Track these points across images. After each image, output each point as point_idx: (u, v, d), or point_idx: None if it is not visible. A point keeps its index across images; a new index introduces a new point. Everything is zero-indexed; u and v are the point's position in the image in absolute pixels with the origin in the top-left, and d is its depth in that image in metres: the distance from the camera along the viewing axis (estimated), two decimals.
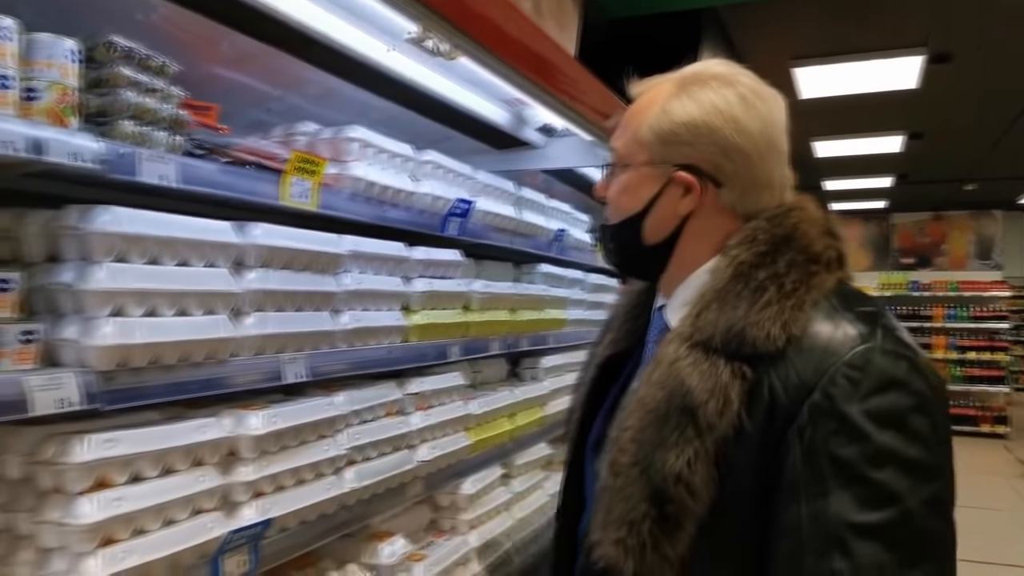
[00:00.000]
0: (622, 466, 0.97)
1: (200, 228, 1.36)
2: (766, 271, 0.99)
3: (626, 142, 1.11)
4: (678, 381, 0.96)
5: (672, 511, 0.92)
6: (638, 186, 1.10)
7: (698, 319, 0.99)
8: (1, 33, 1.06)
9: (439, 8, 1.41)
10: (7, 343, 1.08)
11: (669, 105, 1.06)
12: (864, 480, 0.86)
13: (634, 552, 0.93)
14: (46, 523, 1.16)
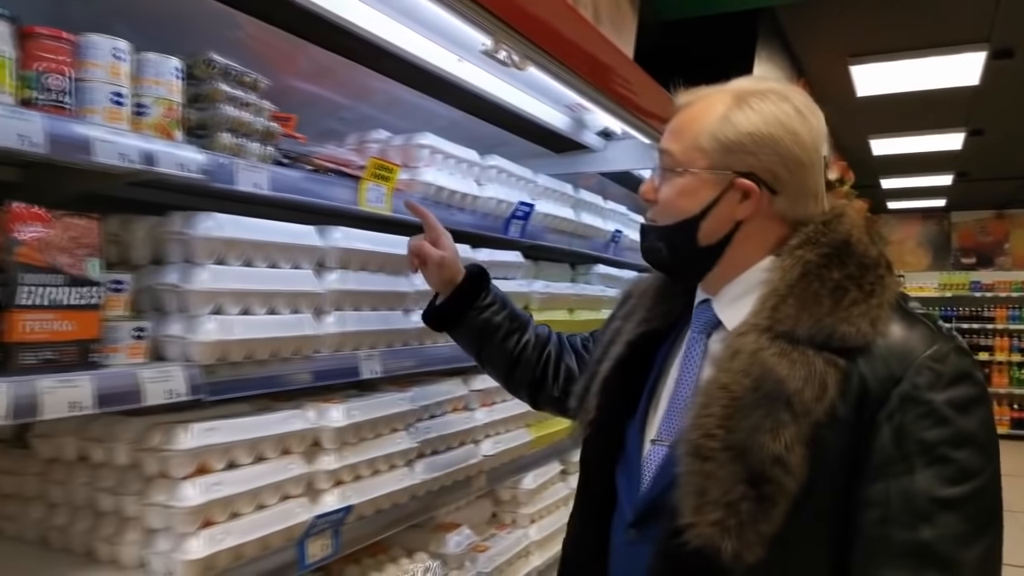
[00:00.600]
0: (712, 450, 1.01)
1: (287, 232, 1.45)
2: (838, 272, 1.06)
3: (684, 148, 1.14)
4: (765, 369, 1.01)
5: (769, 491, 0.97)
6: (697, 190, 1.14)
7: (776, 312, 1.05)
8: (116, 54, 1.15)
9: (512, 21, 1.48)
10: (121, 339, 1.18)
11: (733, 115, 1.11)
12: (947, 460, 0.97)
13: (732, 532, 0.98)
14: (153, 505, 1.25)
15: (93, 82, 1.13)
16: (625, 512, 1.20)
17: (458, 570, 1.98)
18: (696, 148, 1.13)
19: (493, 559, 2.11)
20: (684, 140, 1.15)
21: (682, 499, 1.02)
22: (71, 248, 1.09)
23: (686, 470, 1.03)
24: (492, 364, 1.63)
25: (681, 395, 1.18)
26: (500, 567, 2.14)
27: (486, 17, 1.43)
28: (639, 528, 1.16)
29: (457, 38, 1.66)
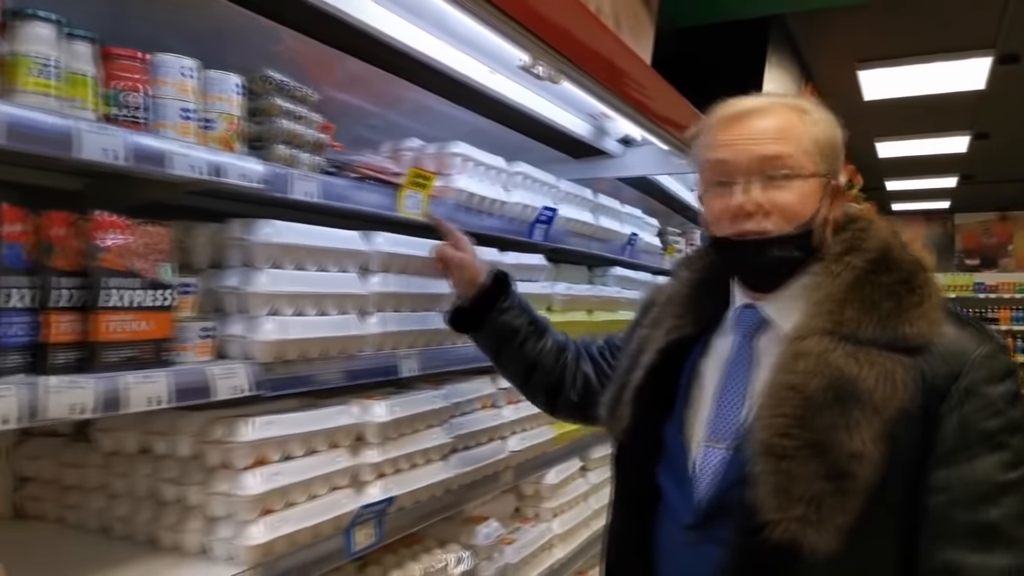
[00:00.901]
0: (789, 449, 1.05)
1: (336, 238, 1.54)
2: (887, 277, 1.13)
3: (797, 154, 1.15)
4: (835, 370, 1.07)
5: (848, 485, 1.03)
6: (812, 193, 1.16)
7: (837, 316, 1.11)
8: (185, 72, 1.24)
9: (549, 39, 1.56)
10: (190, 338, 1.26)
11: (823, 122, 1.19)
12: (1005, 446, 1.07)
13: (815, 526, 1.03)
14: (216, 494, 1.34)
15: (165, 99, 1.21)
16: (679, 514, 1.21)
17: (487, 560, 2.06)
18: (805, 153, 1.16)
19: (519, 551, 2.19)
20: (795, 146, 1.15)
21: (762, 498, 1.06)
22: (146, 254, 1.18)
23: (763, 469, 1.07)
24: (510, 368, 1.68)
25: (730, 397, 1.20)
26: (526, 559, 2.22)
27: (525, 35, 1.51)
28: (700, 529, 1.17)
29: (493, 52, 1.74)
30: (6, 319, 1.01)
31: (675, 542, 1.22)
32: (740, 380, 1.21)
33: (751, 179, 1.16)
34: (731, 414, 1.20)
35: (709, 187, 1.22)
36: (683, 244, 4.03)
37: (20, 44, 1.01)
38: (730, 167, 1.17)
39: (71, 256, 1.09)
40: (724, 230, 1.20)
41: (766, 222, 1.16)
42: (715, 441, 1.20)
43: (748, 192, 1.15)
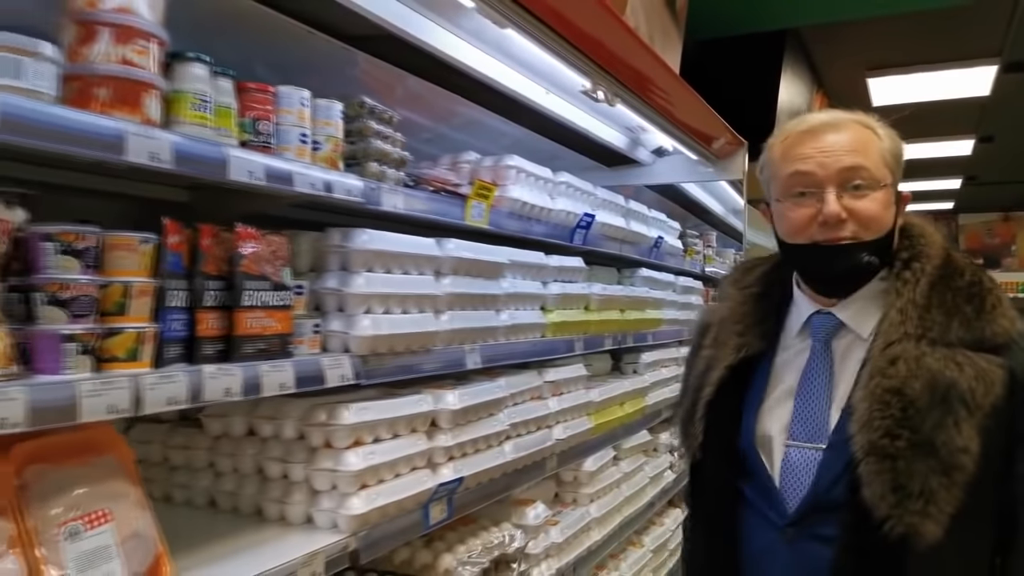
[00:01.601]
0: (899, 449, 1.12)
1: (416, 244, 1.72)
2: (960, 281, 1.22)
3: (875, 165, 1.22)
4: (933, 372, 1.14)
5: (958, 478, 1.10)
6: (890, 202, 1.24)
7: (923, 321, 1.18)
8: (303, 102, 1.42)
9: (608, 67, 1.74)
10: (304, 333, 1.44)
11: (889, 137, 1.26)
12: None
13: (933, 517, 1.10)
14: (321, 471, 1.52)
15: (287, 126, 1.39)
16: (771, 516, 1.26)
17: (535, 539, 2.24)
18: (884, 165, 1.23)
19: (563, 532, 2.37)
20: (872, 158, 1.22)
21: (876, 496, 1.12)
22: (272, 260, 1.36)
23: (872, 468, 1.13)
24: None
25: (813, 398, 1.27)
26: (568, 539, 2.40)
27: (589, 64, 1.69)
28: (799, 526, 1.23)
29: (550, 75, 1.93)
30: (170, 316, 1.19)
31: (769, 542, 1.26)
32: (821, 382, 1.27)
33: (837, 188, 1.21)
34: (816, 414, 1.26)
35: (787, 198, 1.26)
36: (701, 246, 4.21)
37: (181, 83, 1.19)
38: (814, 178, 1.22)
39: (216, 262, 1.27)
40: (811, 237, 1.24)
41: (857, 229, 1.21)
42: (802, 441, 1.25)
43: (840, 200, 1.20)
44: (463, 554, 1.91)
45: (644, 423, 3.16)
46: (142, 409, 1.09)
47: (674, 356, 3.62)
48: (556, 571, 2.30)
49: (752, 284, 1.43)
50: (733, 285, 1.47)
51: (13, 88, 0.95)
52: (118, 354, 1.10)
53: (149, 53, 1.10)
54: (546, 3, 1.53)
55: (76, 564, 1.05)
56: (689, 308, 3.80)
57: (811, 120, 1.28)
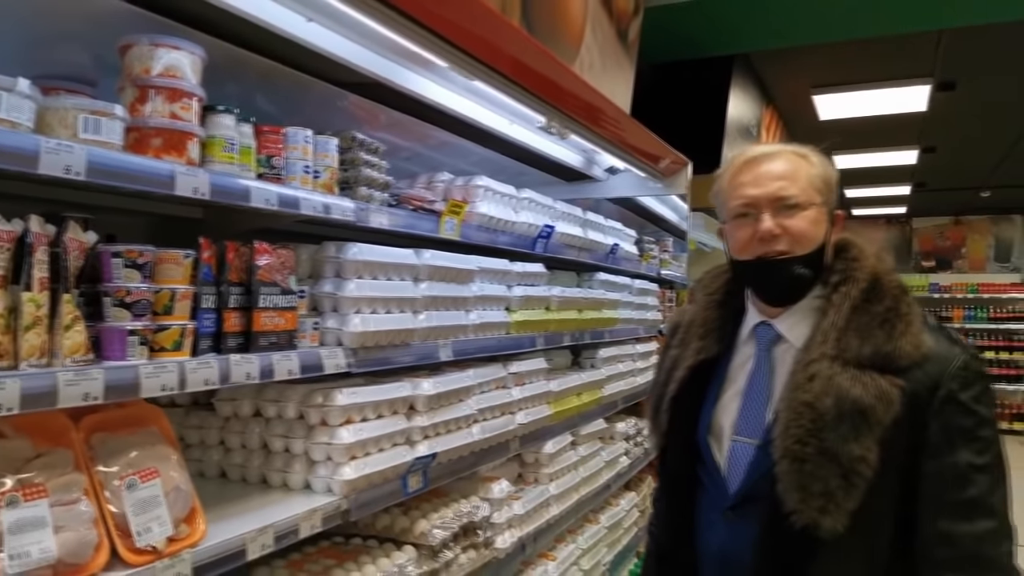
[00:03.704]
0: (807, 455, 1.28)
1: (397, 255, 2.03)
2: (879, 305, 1.36)
3: (803, 189, 1.38)
4: (842, 391, 1.29)
5: (856, 481, 1.26)
6: (820, 220, 1.39)
7: (839, 343, 1.33)
8: (305, 139, 1.72)
9: (560, 106, 2.06)
10: (305, 329, 1.75)
11: (820, 164, 1.42)
12: (977, 438, 1.30)
13: (831, 513, 1.27)
14: (318, 444, 1.82)
15: (294, 160, 1.70)
16: (717, 500, 1.45)
17: (499, 511, 2.56)
18: (812, 188, 1.39)
19: (524, 505, 2.69)
20: (799, 184, 1.38)
21: (785, 493, 1.29)
22: (281, 269, 1.66)
23: (786, 470, 1.30)
24: None
25: (755, 399, 1.44)
26: (529, 512, 2.73)
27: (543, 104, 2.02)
28: (736, 510, 1.41)
29: (514, 110, 2.25)
30: (204, 315, 1.49)
31: (715, 520, 1.46)
32: (762, 385, 1.44)
33: (772, 209, 1.38)
34: (756, 413, 1.43)
35: (733, 219, 1.43)
36: (657, 251, 4.56)
37: (214, 130, 1.49)
38: (753, 200, 1.39)
39: (238, 272, 1.57)
40: (752, 253, 1.40)
41: (790, 243, 1.38)
42: (744, 436, 1.43)
43: (773, 219, 1.37)
44: (436, 520, 2.22)
45: (600, 412, 3.50)
46: (186, 388, 1.38)
47: (630, 352, 3.97)
48: (517, 539, 2.62)
49: (716, 291, 1.60)
50: (703, 291, 1.63)
51: (94, 141, 1.24)
52: (166, 345, 1.39)
53: (191, 108, 1.40)
54: (506, 58, 1.85)
55: (133, 508, 1.34)
56: (645, 308, 4.15)
57: (752, 152, 1.45)
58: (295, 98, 2.10)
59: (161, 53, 1.39)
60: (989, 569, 1.29)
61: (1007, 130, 7.14)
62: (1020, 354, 12.11)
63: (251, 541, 1.51)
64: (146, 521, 1.33)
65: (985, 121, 6.78)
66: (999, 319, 12.37)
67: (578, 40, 2.79)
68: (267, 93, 2.04)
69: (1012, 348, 12.15)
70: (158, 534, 1.33)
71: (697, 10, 3.80)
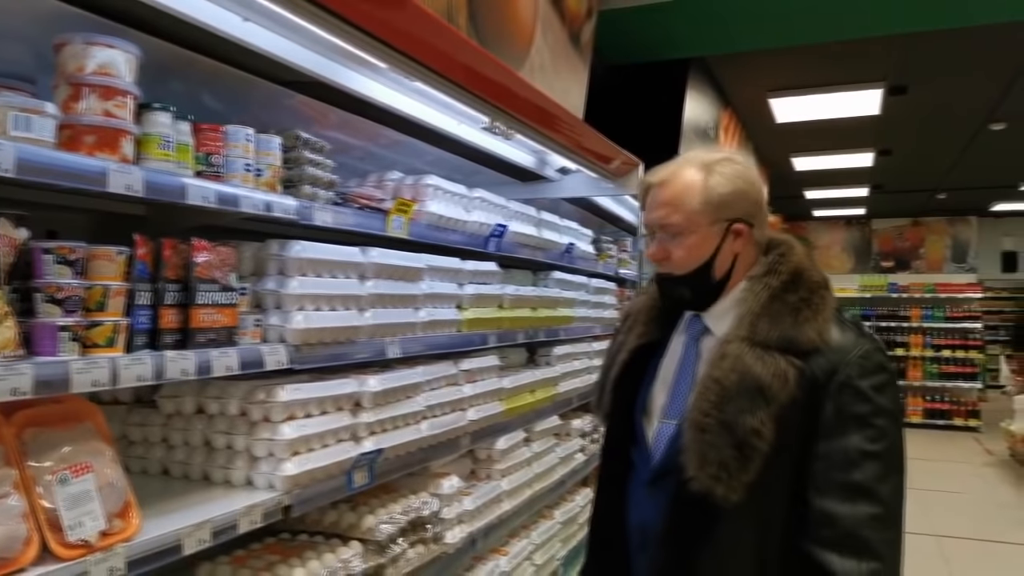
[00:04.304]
0: (709, 426, 1.37)
1: (342, 253, 2.04)
2: (794, 295, 1.45)
3: (686, 215, 1.48)
4: (746, 368, 1.38)
5: (749, 453, 1.34)
6: (704, 242, 1.49)
7: (753, 327, 1.42)
8: (247, 138, 1.74)
9: (505, 106, 2.10)
10: (247, 326, 1.76)
11: (711, 183, 1.48)
12: (870, 425, 1.37)
13: (724, 482, 1.35)
14: (260, 440, 1.83)
15: (234, 158, 1.71)
16: (642, 474, 1.56)
17: (449, 507, 2.59)
18: (695, 213, 1.48)
19: (475, 501, 2.73)
20: (683, 210, 1.48)
21: (687, 460, 1.38)
22: (221, 266, 1.67)
23: (689, 439, 1.39)
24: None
25: (681, 385, 1.54)
26: (480, 508, 2.76)
27: (486, 105, 2.05)
28: (654, 484, 1.51)
29: (462, 111, 2.28)
30: (139, 312, 1.50)
31: (640, 496, 1.57)
32: (689, 372, 1.54)
33: (659, 233, 1.53)
34: (682, 398, 1.52)
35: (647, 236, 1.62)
36: (615, 251, 4.62)
37: (150, 127, 1.50)
38: (648, 224, 1.57)
39: (175, 269, 1.58)
40: (656, 269, 1.58)
41: (672, 266, 1.53)
42: (669, 418, 1.54)
43: (658, 244, 1.54)
44: (383, 515, 2.24)
45: (555, 409, 3.54)
46: (118, 384, 1.39)
47: (586, 350, 4.02)
48: (468, 534, 2.65)
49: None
50: (654, 281, 1.69)
51: (25, 138, 1.25)
52: (99, 341, 1.40)
53: (126, 106, 1.41)
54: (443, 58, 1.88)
55: (65, 503, 1.34)
56: (602, 307, 4.20)
57: (653, 175, 1.57)
58: (241, 97, 2.11)
59: (95, 51, 1.39)
60: (865, 552, 1.32)
61: (959, 134, 7.34)
62: (975, 352, 12.44)
63: (187, 536, 1.52)
64: (78, 516, 1.34)
65: (937, 124, 6.96)
66: (955, 318, 12.68)
67: (528, 42, 2.83)
68: (213, 92, 2.04)
69: (968, 347, 12.47)
70: (90, 528, 1.33)
71: (651, 15, 3.87)
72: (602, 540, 1.69)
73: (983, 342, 12.84)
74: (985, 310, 13.50)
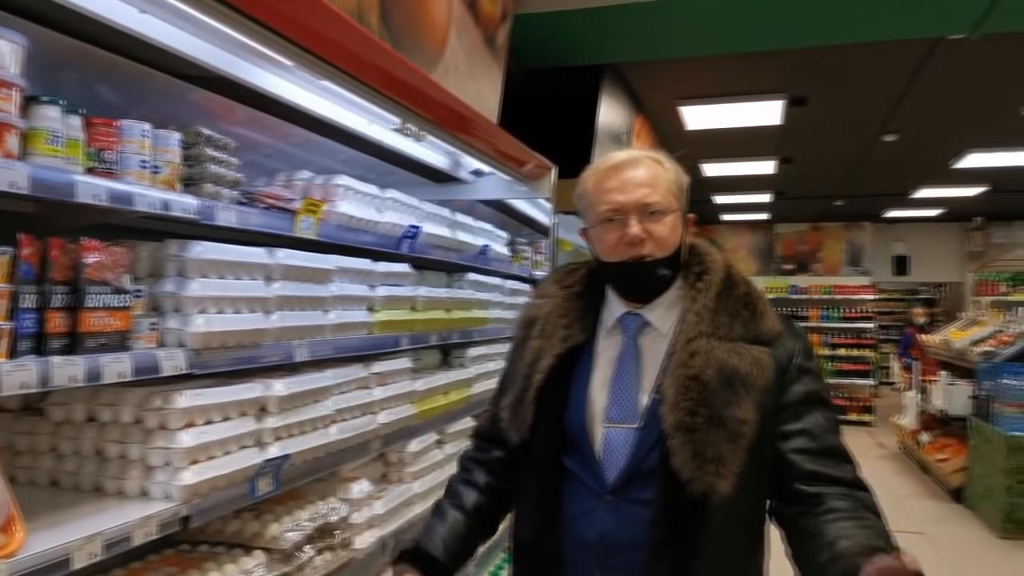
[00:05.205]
0: (698, 424, 1.39)
1: (247, 253, 1.99)
2: (738, 291, 1.54)
3: (663, 196, 1.50)
4: (722, 362, 1.43)
5: (741, 443, 1.39)
6: (677, 225, 1.52)
7: (714, 323, 1.48)
8: (143, 134, 1.66)
9: (416, 108, 2.08)
10: (142, 330, 1.68)
11: (673, 170, 1.54)
12: (824, 400, 1.54)
13: (724, 476, 1.38)
14: (156, 449, 1.76)
15: (129, 154, 1.63)
16: (593, 486, 1.49)
17: (359, 511, 2.55)
18: (670, 194, 1.51)
19: (386, 504, 2.70)
20: (660, 191, 1.50)
21: (683, 465, 1.38)
22: (113, 268, 1.60)
23: (679, 441, 1.40)
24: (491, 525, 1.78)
25: (624, 386, 1.51)
26: (391, 511, 2.74)
27: (397, 107, 2.03)
28: (618, 493, 1.47)
29: (371, 111, 2.25)
30: (23, 316, 1.41)
31: (589, 508, 1.49)
32: (631, 371, 1.52)
33: (638, 215, 1.48)
34: (629, 399, 1.50)
35: (600, 224, 1.52)
36: (531, 253, 4.66)
37: (37, 121, 1.42)
38: (621, 207, 1.49)
39: (63, 270, 1.50)
40: (621, 255, 1.50)
41: (654, 247, 1.49)
42: (617, 422, 1.50)
43: (640, 224, 1.48)
44: (289, 523, 2.19)
45: (469, 411, 3.54)
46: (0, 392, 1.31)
47: (500, 351, 4.03)
48: (378, 539, 2.62)
49: (574, 284, 1.67)
50: (556, 284, 1.69)
51: None
52: None
53: (11, 99, 1.33)
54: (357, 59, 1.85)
55: None
56: (517, 308, 4.23)
57: (615, 158, 1.54)
58: (140, 91, 2.02)
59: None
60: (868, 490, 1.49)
61: (854, 144, 7.77)
62: (869, 351, 13.17)
63: (77, 550, 1.45)
64: None
65: (834, 135, 7.34)
66: (851, 318, 13.42)
67: (441, 44, 2.82)
68: (110, 86, 1.95)
69: (862, 345, 13.21)
70: None
71: (566, 20, 3.92)
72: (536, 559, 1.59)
73: (876, 341, 13.62)
74: (878, 311, 14.31)
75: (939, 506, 7.44)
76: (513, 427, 1.61)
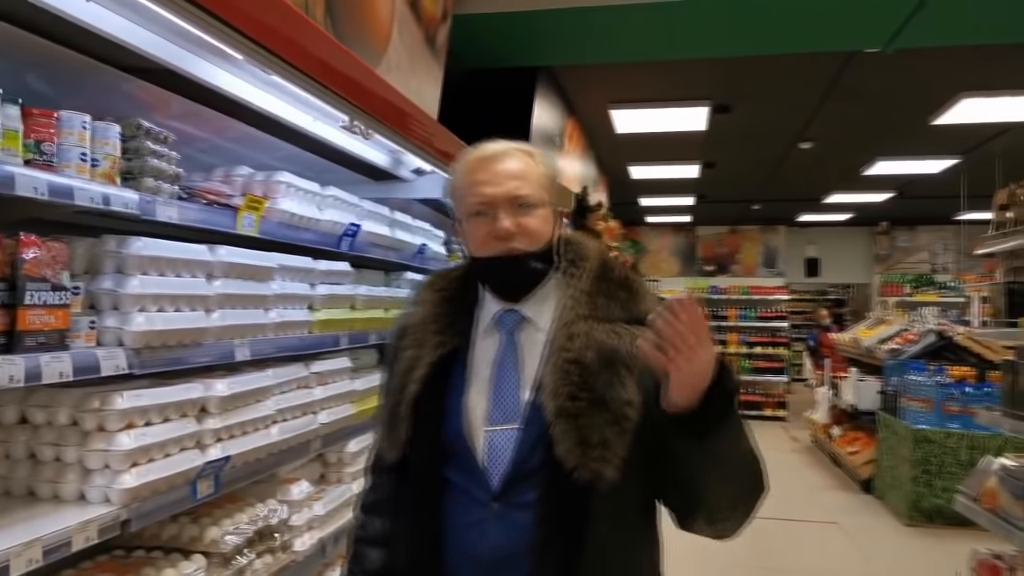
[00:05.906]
0: (580, 409, 1.32)
1: (188, 250, 1.94)
2: (614, 274, 1.49)
3: (535, 189, 1.43)
4: (601, 342, 1.38)
5: (626, 426, 1.32)
6: (549, 218, 1.46)
7: (592, 306, 1.43)
8: (83, 125, 1.61)
9: (363, 106, 2.07)
10: (80, 329, 1.63)
11: (545, 164, 1.48)
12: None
13: (610, 462, 1.30)
14: (94, 451, 1.70)
15: (69, 146, 1.57)
16: (476, 495, 1.38)
17: (299, 513, 2.52)
18: (542, 188, 1.45)
19: (326, 506, 2.67)
20: (532, 184, 1.43)
21: (565, 451, 1.30)
22: (52, 263, 1.54)
23: (561, 428, 1.32)
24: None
25: (505, 386, 1.42)
26: (331, 512, 2.71)
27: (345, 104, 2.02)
28: (503, 499, 1.36)
29: (317, 107, 2.22)
30: None
31: (476, 519, 1.38)
32: (511, 370, 1.43)
33: (507, 207, 1.40)
34: (510, 399, 1.40)
35: (470, 217, 1.44)
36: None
37: None
38: (490, 200, 1.40)
39: (1, 266, 1.44)
40: (491, 250, 1.41)
41: (525, 241, 1.41)
42: (499, 424, 1.39)
43: (510, 217, 1.40)
44: (228, 526, 2.14)
45: None
46: None
47: None
48: (318, 540, 2.59)
49: (445, 288, 1.58)
50: (428, 289, 1.60)
51: None
52: None
53: None
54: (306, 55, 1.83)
55: None
56: None
57: (485, 150, 1.46)
58: (75, 81, 1.93)
59: None
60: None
61: (773, 151, 8.10)
62: (783, 349, 13.73)
63: (16, 556, 1.39)
64: None
65: (754, 142, 7.64)
66: (766, 317, 13.94)
67: (385, 41, 2.81)
68: (45, 75, 1.86)
69: (776, 343, 13.75)
70: None
71: (502, 22, 3.96)
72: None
73: (789, 339, 14.20)
74: (791, 311, 14.93)
75: (850, 497, 7.82)
76: (388, 443, 1.52)
